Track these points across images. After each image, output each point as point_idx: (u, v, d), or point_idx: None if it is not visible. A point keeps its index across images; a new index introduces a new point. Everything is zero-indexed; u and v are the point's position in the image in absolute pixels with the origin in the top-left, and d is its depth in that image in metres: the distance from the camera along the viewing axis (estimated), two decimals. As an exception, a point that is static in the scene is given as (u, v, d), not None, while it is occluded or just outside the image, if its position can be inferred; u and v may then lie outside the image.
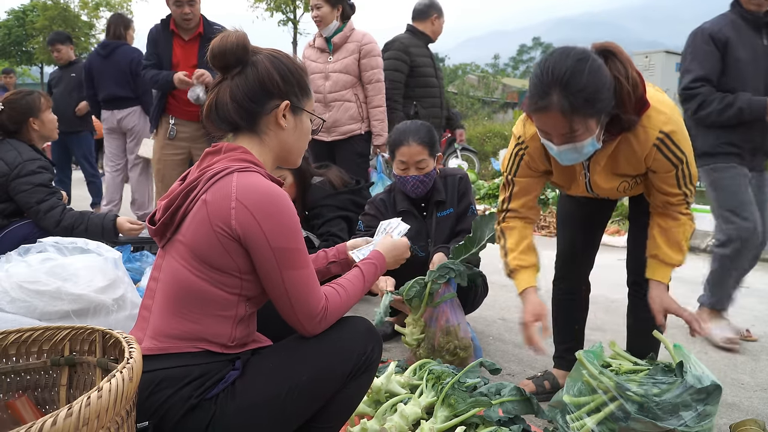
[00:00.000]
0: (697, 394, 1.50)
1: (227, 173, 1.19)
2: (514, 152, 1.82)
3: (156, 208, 1.27)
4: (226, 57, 1.25)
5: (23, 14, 27.15)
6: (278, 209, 1.18)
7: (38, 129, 2.71)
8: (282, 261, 1.18)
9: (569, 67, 1.42)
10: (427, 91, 4.03)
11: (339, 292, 1.30)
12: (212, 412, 1.15)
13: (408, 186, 2.42)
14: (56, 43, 5.42)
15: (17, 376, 1.20)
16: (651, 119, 1.56)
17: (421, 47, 4.00)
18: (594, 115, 1.46)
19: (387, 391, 1.79)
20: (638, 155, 1.62)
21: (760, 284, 3.91)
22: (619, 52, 1.51)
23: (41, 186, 2.57)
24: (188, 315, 1.18)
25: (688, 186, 1.67)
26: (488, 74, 28.43)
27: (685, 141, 1.62)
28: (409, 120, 2.76)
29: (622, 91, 1.48)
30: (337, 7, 3.48)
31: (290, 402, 1.20)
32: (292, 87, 1.30)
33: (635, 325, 1.99)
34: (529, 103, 1.52)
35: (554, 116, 1.46)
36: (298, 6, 22.10)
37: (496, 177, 9.49)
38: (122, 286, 2.15)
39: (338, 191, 2.89)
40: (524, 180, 1.83)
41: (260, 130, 1.29)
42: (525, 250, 1.85)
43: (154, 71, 3.59)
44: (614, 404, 1.54)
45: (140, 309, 1.28)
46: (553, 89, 1.43)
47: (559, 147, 1.53)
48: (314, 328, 1.24)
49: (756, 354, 2.56)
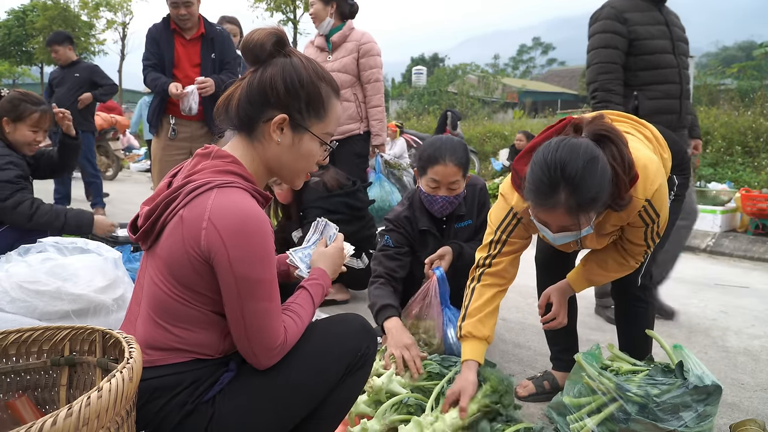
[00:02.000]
0: (697, 394, 1.51)
1: (207, 189, 1.12)
2: (510, 215, 1.76)
3: (138, 213, 1.23)
4: (246, 52, 1.21)
5: (23, 14, 27.13)
6: (249, 234, 1.09)
7: (8, 132, 2.63)
8: (243, 290, 1.10)
9: (580, 169, 1.36)
10: (657, 75, 2.69)
11: (296, 322, 1.23)
12: (210, 414, 1.15)
13: (436, 206, 2.31)
14: (53, 44, 5.39)
15: (17, 376, 1.20)
16: (638, 189, 1.52)
17: (646, 11, 2.70)
18: (596, 210, 1.46)
19: (388, 391, 1.79)
20: (623, 220, 1.62)
21: (760, 284, 3.91)
22: (614, 137, 1.45)
23: (6, 182, 2.48)
24: (172, 327, 1.15)
25: (653, 239, 1.68)
26: (488, 74, 28.45)
27: (662, 199, 1.59)
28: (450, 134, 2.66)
29: (618, 180, 1.44)
30: (330, 4, 3.48)
31: (288, 400, 1.20)
32: (297, 102, 1.21)
33: (624, 331, 2.03)
34: (532, 196, 1.46)
35: (559, 213, 1.43)
36: (298, 6, 22.11)
37: (496, 177, 9.49)
38: (122, 286, 2.15)
39: (331, 194, 2.89)
40: (518, 242, 1.80)
41: (255, 136, 1.23)
42: (483, 319, 1.78)
43: (155, 74, 3.59)
44: (614, 405, 1.54)
45: (127, 312, 1.26)
46: (562, 188, 1.38)
47: (555, 234, 1.52)
48: (269, 361, 1.17)
49: (756, 354, 2.56)
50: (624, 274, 1.80)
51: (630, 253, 1.74)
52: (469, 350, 1.76)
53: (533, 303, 3.32)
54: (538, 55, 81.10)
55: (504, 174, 9.22)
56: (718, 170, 7.31)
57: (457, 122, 9.20)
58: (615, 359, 1.77)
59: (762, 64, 15.50)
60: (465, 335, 1.79)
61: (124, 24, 27.16)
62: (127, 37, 27.04)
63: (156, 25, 3.69)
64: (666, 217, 1.65)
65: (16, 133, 2.65)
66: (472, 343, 1.77)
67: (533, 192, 1.45)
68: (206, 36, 3.68)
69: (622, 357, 1.76)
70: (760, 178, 6.92)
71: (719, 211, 5.24)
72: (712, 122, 8.40)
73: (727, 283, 3.89)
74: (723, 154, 7.73)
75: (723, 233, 5.19)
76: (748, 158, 7.68)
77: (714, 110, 9.30)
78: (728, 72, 16.14)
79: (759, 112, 8.72)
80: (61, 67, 5.54)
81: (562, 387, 1.74)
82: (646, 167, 1.53)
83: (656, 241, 1.71)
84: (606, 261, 1.78)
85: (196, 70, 3.67)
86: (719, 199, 5.42)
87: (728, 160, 7.62)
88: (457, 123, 9.13)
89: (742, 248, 4.88)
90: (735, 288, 3.78)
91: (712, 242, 5.08)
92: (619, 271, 1.79)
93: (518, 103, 24.60)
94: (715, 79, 14.20)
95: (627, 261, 1.76)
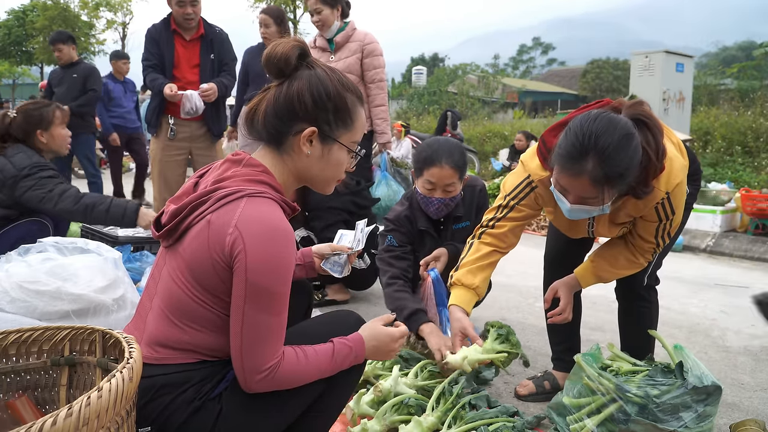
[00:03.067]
0: (697, 395, 1.51)
1: (238, 197, 1.13)
2: (525, 182, 1.77)
3: (164, 209, 1.24)
4: (269, 66, 1.21)
5: (23, 14, 27.14)
6: (272, 244, 1.09)
7: (46, 142, 2.67)
8: (251, 296, 1.08)
9: (614, 142, 1.38)
10: None
11: (298, 357, 1.17)
12: (217, 410, 1.16)
13: (431, 208, 2.32)
14: (58, 43, 5.39)
15: (17, 376, 1.20)
16: (660, 181, 1.54)
17: None
18: (620, 188, 1.46)
19: (396, 393, 1.80)
20: (640, 209, 1.63)
21: (760, 284, 3.91)
22: (652, 123, 1.47)
23: (49, 178, 2.54)
24: (184, 327, 1.16)
25: (663, 237, 1.69)
26: (488, 74, 28.42)
27: (681, 197, 1.61)
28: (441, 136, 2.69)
29: (649, 166, 1.45)
30: (336, 7, 3.48)
31: (289, 395, 1.21)
32: (324, 114, 1.21)
33: (626, 330, 2.03)
34: (560, 159, 1.47)
35: (583, 181, 1.43)
36: (298, 6, 22.09)
37: (496, 177, 9.48)
38: (122, 286, 2.15)
39: (340, 193, 2.90)
40: (526, 210, 1.81)
41: (284, 149, 1.23)
42: (474, 270, 1.82)
43: (155, 75, 3.59)
44: (614, 406, 1.54)
45: (138, 306, 1.27)
46: (591, 157, 1.40)
47: (572, 205, 1.52)
48: (253, 384, 1.12)
49: (756, 354, 2.57)
50: (632, 272, 1.79)
51: (639, 250, 1.74)
52: (456, 297, 1.83)
53: (533, 303, 3.32)
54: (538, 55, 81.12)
55: (504, 174, 9.22)
56: (718, 170, 7.30)
57: (457, 122, 9.20)
58: (615, 359, 1.77)
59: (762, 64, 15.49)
60: (454, 282, 1.85)
61: (124, 24, 27.18)
62: (127, 37, 27.08)
63: (155, 25, 3.68)
64: (680, 218, 1.66)
65: (55, 138, 2.69)
66: (460, 290, 1.83)
67: (562, 156, 1.46)
68: (206, 37, 3.68)
69: (623, 357, 1.76)
70: (760, 178, 6.92)
71: (719, 211, 5.24)
72: (712, 122, 8.40)
73: (727, 283, 3.90)
74: (723, 154, 7.73)
75: (723, 233, 5.19)
76: (748, 158, 7.68)
77: (714, 110, 9.31)
78: (728, 72, 16.13)
79: (759, 112, 8.72)
80: (61, 67, 5.54)
81: (563, 387, 1.74)
82: (671, 161, 1.55)
83: (666, 241, 1.71)
84: (617, 258, 1.78)
85: (195, 70, 3.67)
86: (719, 199, 5.41)
87: (728, 160, 7.62)
88: (457, 123, 9.13)
89: (742, 248, 4.88)
90: (735, 288, 3.78)
91: (712, 242, 5.08)
92: (628, 268, 1.78)
93: (518, 103, 24.61)
94: (715, 79, 14.20)
95: (637, 258, 1.75)
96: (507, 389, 2.15)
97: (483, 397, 1.92)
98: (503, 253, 1.88)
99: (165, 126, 3.70)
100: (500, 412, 1.78)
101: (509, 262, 4.56)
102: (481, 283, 1.84)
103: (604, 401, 1.56)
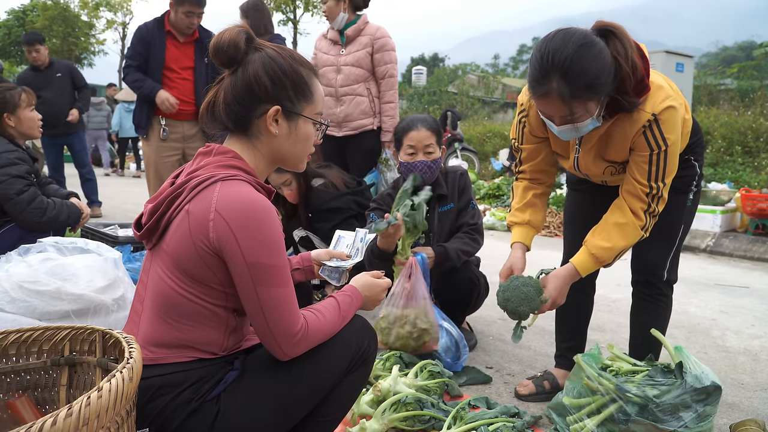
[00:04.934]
0: (696, 395, 1.50)
1: (211, 182, 1.14)
2: (517, 120, 1.88)
3: (142, 211, 1.24)
4: (219, 55, 1.21)
5: (23, 14, 27.12)
6: (257, 222, 1.11)
7: (14, 125, 2.59)
8: (257, 277, 1.11)
9: (569, 55, 1.40)
10: None
11: (317, 316, 1.23)
12: (215, 412, 1.16)
13: (417, 170, 2.43)
14: (36, 44, 5.29)
15: (17, 376, 1.20)
16: (648, 101, 1.55)
17: None
18: (593, 98, 1.47)
19: (395, 392, 1.80)
20: (627, 137, 1.61)
21: (760, 284, 3.91)
22: (621, 32, 1.47)
23: (18, 177, 2.46)
24: (177, 324, 1.16)
25: (656, 181, 1.61)
26: (488, 74, 28.39)
27: (674, 128, 1.57)
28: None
29: (621, 73, 1.46)
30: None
31: (291, 398, 1.21)
32: (285, 91, 1.22)
33: (639, 325, 1.99)
34: (529, 87, 1.52)
35: (554, 101, 1.47)
36: (298, 6, 22.08)
37: (496, 177, 9.48)
38: (122, 286, 2.15)
39: (341, 192, 2.90)
40: (529, 147, 1.90)
41: (251, 134, 1.24)
42: (522, 208, 1.95)
43: (138, 75, 3.59)
44: (614, 406, 1.54)
45: (130, 312, 1.27)
46: (554, 75, 1.42)
47: (559, 127, 1.55)
48: (292, 349, 1.17)
49: (756, 354, 2.56)
50: (628, 241, 1.68)
51: (633, 202, 1.65)
52: (514, 234, 1.95)
53: (533, 303, 3.32)
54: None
55: (504, 174, 9.22)
56: (718, 170, 7.30)
57: (457, 122, 9.19)
58: (615, 359, 1.77)
59: (762, 64, 15.48)
60: (509, 224, 1.99)
61: (124, 24, 27.17)
62: (127, 37, 27.01)
63: (147, 24, 3.65)
64: (676, 152, 1.60)
65: (23, 121, 2.61)
66: (516, 229, 1.96)
67: (530, 83, 1.50)
68: (200, 41, 3.69)
69: (622, 357, 1.76)
70: (760, 178, 6.91)
71: (719, 211, 5.23)
72: (712, 122, 8.39)
73: (727, 283, 3.89)
74: (723, 154, 7.72)
75: (723, 233, 5.18)
76: (748, 158, 7.67)
77: (714, 110, 9.29)
78: (728, 72, 16.12)
79: (759, 112, 8.72)
80: (33, 69, 5.41)
81: (563, 386, 1.74)
82: (661, 87, 1.56)
83: (660, 186, 1.61)
84: (607, 229, 1.69)
85: (188, 72, 3.68)
86: (719, 199, 5.41)
87: (728, 160, 7.61)
88: (457, 123, 9.12)
89: (742, 248, 4.87)
90: (735, 288, 3.78)
91: (712, 242, 5.08)
92: (623, 236, 1.67)
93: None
94: (715, 79, 14.19)
95: (626, 215, 1.66)
96: (507, 389, 2.15)
97: (482, 399, 1.92)
98: (544, 182, 1.98)
99: (156, 127, 3.68)
100: (500, 412, 1.78)
101: (509, 262, 4.56)
102: (532, 216, 1.94)
103: (604, 401, 1.56)
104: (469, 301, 2.44)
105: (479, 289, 2.46)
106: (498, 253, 5.23)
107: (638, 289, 1.97)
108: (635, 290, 1.98)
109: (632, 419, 1.50)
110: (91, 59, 27.69)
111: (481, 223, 2.48)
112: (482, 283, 2.47)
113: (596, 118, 1.53)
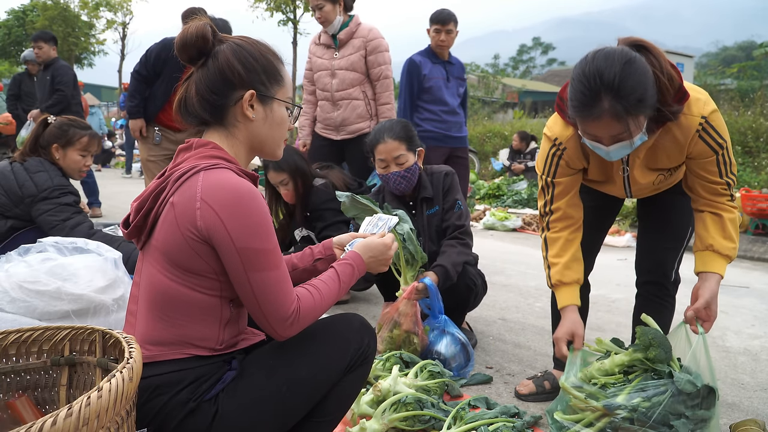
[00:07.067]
0: (690, 400, 1.48)
1: (194, 173, 1.15)
2: (551, 154, 1.78)
3: (129, 212, 1.24)
4: (187, 50, 1.22)
5: (23, 14, 27.15)
6: (244, 207, 1.12)
7: (59, 158, 2.64)
8: (247, 262, 1.12)
9: (617, 73, 1.39)
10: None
11: (312, 294, 1.23)
12: (213, 412, 1.15)
13: (390, 183, 2.41)
14: (40, 41, 5.23)
15: (17, 376, 1.20)
16: (691, 106, 1.57)
17: None
18: (645, 112, 1.47)
19: (395, 392, 1.80)
20: (681, 143, 1.62)
21: (759, 284, 3.91)
22: (651, 46, 1.50)
23: (67, 206, 2.53)
24: (172, 320, 1.16)
25: (729, 175, 1.67)
26: (488, 74, 28.44)
27: (723, 127, 1.62)
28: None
29: (660, 84, 1.47)
30: (338, 2, 3.43)
31: (290, 397, 1.21)
32: (256, 75, 1.24)
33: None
34: (576, 111, 1.48)
35: (607, 121, 1.45)
36: (298, 6, 22.08)
37: (496, 177, 9.48)
38: (122, 286, 2.15)
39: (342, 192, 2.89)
40: (565, 180, 1.81)
41: (228, 122, 1.25)
42: (568, 264, 1.81)
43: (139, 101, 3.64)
44: (604, 421, 1.52)
45: (126, 314, 1.27)
46: (604, 95, 1.41)
47: (609, 147, 1.53)
48: (285, 331, 1.17)
49: (756, 354, 2.57)
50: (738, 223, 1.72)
51: (720, 200, 1.69)
52: (565, 297, 1.81)
53: (533, 303, 3.32)
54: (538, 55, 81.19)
55: (504, 174, 9.22)
56: (718, 170, 7.30)
57: (457, 122, 9.17)
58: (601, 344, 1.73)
59: (762, 64, 15.49)
60: (555, 284, 1.83)
61: (124, 24, 27.13)
62: (127, 37, 27.01)
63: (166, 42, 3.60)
64: (731, 150, 1.65)
65: (67, 159, 2.65)
66: (565, 290, 1.82)
67: (577, 107, 1.47)
68: None
69: (610, 346, 1.72)
70: (760, 178, 6.92)
71: (719, 211, 5.23)
72: (712, 122, 8.39)
73: (727, 283, 3.89)
74: (723, 154, 7.73)
75: (723, 233, 5.18)
76: (748, 158, 7.68)
77: (714, 110, 9.29)
78: (728, 72, 16.14)
79: (759, 112, 8.72)
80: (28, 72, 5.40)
81: (563, 387, 1.73)
82: (699, 92, 1.59)
83: (733, 180, 1.67)
84: (723, 228, 1.69)
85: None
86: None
87: (728, 160, 7.63)
88: None
89: (742, 248, 4.88)
90: (735, 288, 3.78)
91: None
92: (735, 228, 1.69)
93: (518, 103, 24.58)
94: (715, 79, 14.20)
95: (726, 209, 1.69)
96: (507, 389, 2.15)
97: (482, 399, 1.92)
98: (578, 219, 1.86)
99: (150, 132, 3.75)
100: (500, 412, 1.78)
101: (509, 263, 4.56)
102: (579, 274, 1.83)
103: (594, 417, 1.55)
104: (467, 305, 2.44)
105: (476, 292, 2.45)
106: (498, 254, 5.24)
107: (645, 290, 1.97)
108: (642, 291, 1.98)
109: (623, 427, 1.48)
110: (91, 59, 27.69)
111: (468, 225, 2.44)
112: (479, 284, 2.46)
113: (645, 132, 1.53)
